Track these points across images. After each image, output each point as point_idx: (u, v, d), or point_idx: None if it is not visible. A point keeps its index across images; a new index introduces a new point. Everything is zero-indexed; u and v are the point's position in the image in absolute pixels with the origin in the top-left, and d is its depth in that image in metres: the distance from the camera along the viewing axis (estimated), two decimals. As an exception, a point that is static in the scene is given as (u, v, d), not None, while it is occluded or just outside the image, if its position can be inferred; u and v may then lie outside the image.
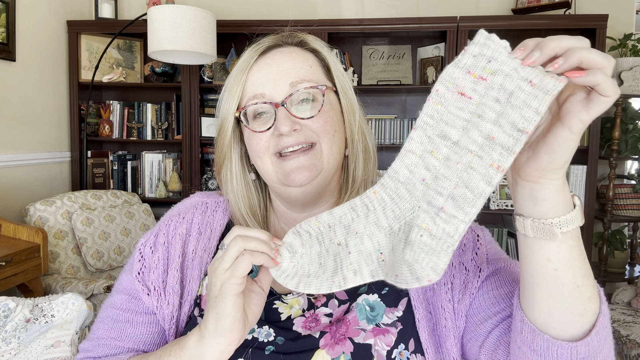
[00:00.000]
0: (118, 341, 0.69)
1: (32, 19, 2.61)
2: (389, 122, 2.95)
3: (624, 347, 1.91)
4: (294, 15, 3.04)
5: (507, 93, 0.41)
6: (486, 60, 0.41)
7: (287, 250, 0.55)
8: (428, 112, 0.45)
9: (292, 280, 0.54)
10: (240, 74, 0.68)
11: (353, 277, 0.52)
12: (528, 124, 0.40)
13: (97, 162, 3.05)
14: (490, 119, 0.42)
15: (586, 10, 2.85)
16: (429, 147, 0.46)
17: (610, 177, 2.66)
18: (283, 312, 0.67)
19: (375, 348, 0.62)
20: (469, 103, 0.43)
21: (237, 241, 0.54)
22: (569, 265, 0.47)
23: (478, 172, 0.43)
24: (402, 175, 0.48)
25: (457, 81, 0.43)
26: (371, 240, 0.52)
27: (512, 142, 0.41)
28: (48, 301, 1.42)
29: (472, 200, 0.44)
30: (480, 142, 0.43)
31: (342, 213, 0.54)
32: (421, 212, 0.47)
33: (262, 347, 0.63)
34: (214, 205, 0.77)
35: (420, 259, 0.46)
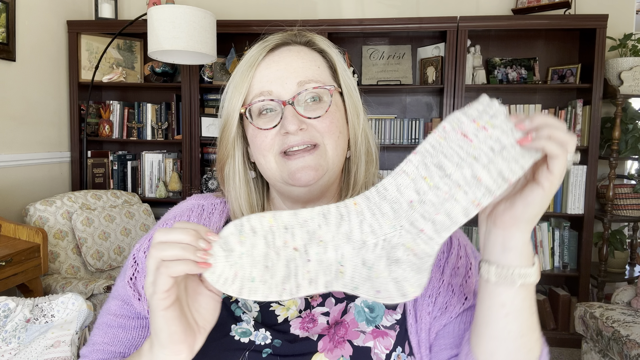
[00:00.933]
0: (111, 346, 0.69)
1: (32, 19, 2.61)
2: (389, 122, 2.95)
3: (624, 347, 1.91)
4: (294, 15, 3.04)
5: (501, 146, 0.48)
6: (489, 116, 0.49)
7: (221, 249, 0.50)
8: (431, 142, 0.50)
9: (232, 285, 0.49)
10: (248, 70, 0.67)
11: (307, 286, 0.50)
12: (512, 175, 0.48)
13: (97, 162, 3.05)
14: (482, 163, 0.48)
15: (586, 10, 2.85)
16: (423, 173, 0.50)
17: (610, 177, 2.66)
18: (280, 314, 0.67)
19: (374, 351, 0.62)
20: (469, 145, 0.49)
21: (152, 251, 0.49)
22: (519, 315, 0.53)
23: (460, 204, 0.49)
24: (391, 193, 0.51)
25: (463, 125, 0.49)
26: (335, 251, 0.51)
27: (495, 186, 0.48)
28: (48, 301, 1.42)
29: (448, 226, 0.50)
30: (469, 180, 0.49)
31: (309, 217, 0.51)
32: (404, 231, 0.51)
33: (259, 349, 0.62)
34: (211, 207, 0.76)
35: (410, 277, 0.51)
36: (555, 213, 2.80)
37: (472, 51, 2.86)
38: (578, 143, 2.76)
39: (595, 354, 2.18)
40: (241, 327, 0.65)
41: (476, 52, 2.87)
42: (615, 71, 2.65)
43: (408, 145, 2.93)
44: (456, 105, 2.76)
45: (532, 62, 2.85)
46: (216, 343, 0.63)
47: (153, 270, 0.49)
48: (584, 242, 2.74)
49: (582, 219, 2.75)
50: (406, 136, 2.95)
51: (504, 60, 2.88)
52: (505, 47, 2.97)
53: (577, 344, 2.61)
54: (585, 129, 2.73)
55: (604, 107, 2.83)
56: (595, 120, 2.67)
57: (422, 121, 2.95)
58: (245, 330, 0.64)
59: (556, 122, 0.48)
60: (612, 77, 2.67)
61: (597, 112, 2.66)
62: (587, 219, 2.73)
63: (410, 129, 2.95)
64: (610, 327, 2.03)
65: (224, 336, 0.64)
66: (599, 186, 2.81)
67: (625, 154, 2.73)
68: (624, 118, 2.70)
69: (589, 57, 2.71)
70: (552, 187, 0.49)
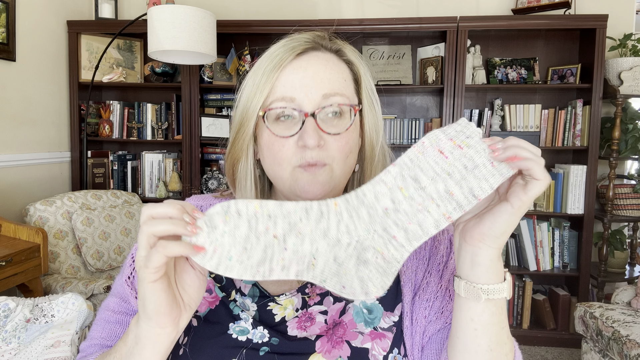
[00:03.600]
0: (107, 340, 0.70)
1: (32, 19, 2.61)
2: (389, 122, 2.95)
3: (624, 347, 1.91)
4: (294, 15, 3.04)
5: (474, 164, 0.51)
6: (465, 136, 0.52)
7: (205, 224, 0.52)
8: (410, 156, 0.53)
9: (210, 261, 0.51)
10: (273, 71, 0.64)
11: (279, 272, 0.53)
12: (482, 193, 0.51)
13: (97, 162, 3.05)
14: (455, 179, 0.51)
15: (586, 10, 2.85)
16: (400, 184, 0.53)
17: (610, 177, 2.66)
18: (277, 313, 0.67)
19: (372, 352, 0.62)
20: (444, 161, 0.52)
21: (143, 226, 0.50)
22: (487, 329, 0.55)
23: (432, 216, 0.52)
24: (369, 199, 0.54)
25: (440, 142, 0.52)
26: (311, 245, 0.54)
27: (466, 202, 0.51)
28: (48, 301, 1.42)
29: (420, 236, 0.53)
30: (441, 194, 0.52)
31: (292, 210, 0.54)
32: (376, 235, 0.54)
33: (257, 347, 0.62)
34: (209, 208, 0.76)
35: (374, 278, 0.54)
36: (555, 213, 2.80)
37: (472, 51, 2.86)
38: (578, 143, 2.77)
39: (595, 354, 2.18)
40: (239, 325, 0.65)
41: (476, 52, 2.87)
42: (615, 71, 2.65)
43: (408, 146, 2.92)
44: (456, 105, 2.76)
45: (532, 62, 2.85)
46: (214, 341, 0.63)
47: (145, 245, 0.50)
48: (584, 242, 2.74)
49: (582, 219, 2.75)
50: (406, 136, 2.95)
51: (504, 60, 2.88)
52: (505, 47, 2.97)
53: (577, 344, 2.61)
54: (585, 129, 2.73)
55: (604, 107, 2.83)
56: (595, 120, 2.67)
57: (422, 121, 2.95)
58: (243, 328, 0.64)
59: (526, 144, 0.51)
60: (612, 77, 2.67)
61: (597, 112, 2.66)
62: (587, 219, 2.73)
63: (410, 129, 2.95)
64: (610, 327, 2.03)
65: (221, 334, 0.64)
66: (599, 186, 2.81)
67: (625, 154, 2.73)
68: (624, 118, 2.70)
69: (589, 57, 2.71)
70: (522, 207, 0.50)
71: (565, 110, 2.78)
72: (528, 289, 2.85)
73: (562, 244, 2.84)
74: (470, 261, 0.54)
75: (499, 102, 2.89)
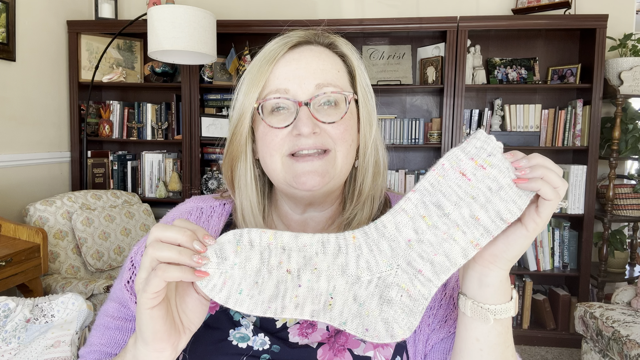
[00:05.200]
0: (107, 347, 0.69)
1: (32, 19, 2.61)
2: (389, 122, 2.95)
3: (624, 347, 1.91)
4: (294, 15, 3.04)
5: (498, 185, 0.48)
6: (487, 154, 0.48)
7: (215, 254, 0.49)
8: (430, 181, 0.49)
9: (220, 293, 0.48)
10: (266, 65, 0.64)
11: (293, 310, 0.50)
12: (511, 217, 0.47)
13: (97, 162, 3.05)
14: (480, 203, 0.48)
15: (586, 10, 2.85)
16: (422, 212, 0.49)
17: (610, 177, 2.66)
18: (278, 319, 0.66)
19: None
20: (467, 184, 0.48)
21: (149, 249, 0.48)
22: (493, 350, 0.54)
23: (459, 245, 0.49)
24: (389, 230, 0.50)
25: (461, 163, 0.48)
26: (328, 282, 0.50)
27: (494, 227, 0.48)
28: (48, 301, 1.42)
29: (447, 268, 0.49)
30: (467, 220, 0.48)
31: (308, 242, 0.50)
32: (400, 271, 0.51)
33: (258, 355, 0.62)
34: (209, 210, 0.75)
35: (400, 319, 0.51)
36: (556, 213, 2.79)
37: (472, 51, 2.86)
38: (578, 143, 2.77)
39: (595, 354, 2.18)
40: (239, 332, 0.64)
41: (476, 52, 2.87)
42: (615, 71, 2.65)
43: (408, 146, 2.93)
44: (456, 105, 2.76)
45: (532, 62, 2.85)
46: (214, 347, 0.63)
47: (147, 268, 0.49)
48: (584, 242, 2.74)
49: (582, 219, 2.75)
50: (406, 136, 2.95)
51: (504, 60, 2.88)
52: (505, 47, 2.97)
53: (577, 344, 2.61)
54: (585, 129, 2.73)
55: (604, 107, 2.83)
56: (595, 120, 2.67)
57: (422, 121, 2.95)
58: (243, 335, 0.64)
59: (552, 165, 0.48)
60: (612, 77, 2.67)
61: (597, 112, 2.66)
62: (587, 219, 2.73)
63: (410, 129, 2.95)
64: (610, 327, 2.03)
65: (221, 341, 0.63)
66: (599, 186, 2.80)
67: (625, 154, 2.73)
68: (624, 118, 2.70)
69: (589, 57, 2.71)
70: (537, 230, 0.49)
71: (565, 110, 2.78)
72: (528, 289, 2.85)
73: (562, 244, 2.84)
74: (478, 281, 0.52)
75: (499, 102, 2.89)
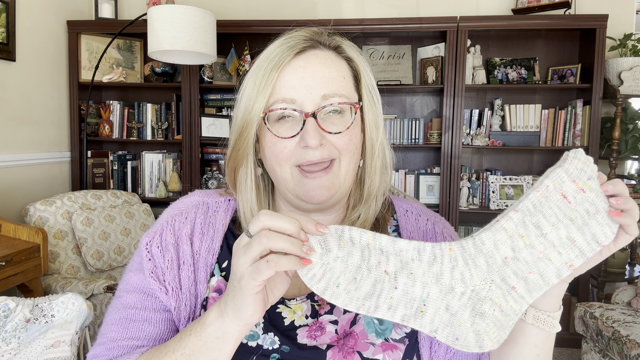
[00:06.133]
0: (135, 341, 0.65)
1: (32, 19, 2.61)
2: (389, 122, 2.95)
3: (624, 347, 1.91)
4: (294, 15, 3.04)
5: (596, 209, 0.50)
6: (587, 177, 0.50)
7: (319, 246, 0.50)
8: (533, 201, 0.51)
9: (318, 284, 0.50)
10: (273, 71, 0.63)
11: (385, 311, 0.51)
12: (606, 239, 0.50)
13: (97, 162, 3.05)
14: (577, 225, 0.50)
15: (586, 10, 2.85)
16: (521, 231, 0.51)
17: (610, 177, 2.66)
18: (286, 316, 0.66)
19: None
20: (567, 206, 0.50)
21: (262, 238, 0.49)
22: (548, 355, 0.57)
23: (554, 264, 0.51)
24: (487, 247, 0.52)
25: (564, 185, 0.50)
26: (423, 289, 0.52)
27: (589, 249, 0.50)
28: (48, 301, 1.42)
29: (540, 286, 0.51)
30: (563, 241, 0.50)
31: (404, 247, 0.52)
32: (494, 286, 0.52)
33: (267, 354, 0.62)
34: (215, 205, 0.75)
35: (492, 332, 0.52)
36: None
37: (472, 51, 2.86)
38: (578, 143, 2.76)
39: (595, 354, 2.18)
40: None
41: (476, 52, 2.87)
42: (615, 71, 2.65)
43: (408, 146, 2.93)
44: (456, 105, 2.76)
45: (532, 62, 2.85)
46: None
47: (255, 256, 0.49)
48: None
49: (582, 219, 2.75)
50: (406, 136, 2.95)
51: (504, 60, 2.88)
52: (505, 47, 2.97)
53: (577, 344, 2.61)
54: (585, 129, 2.73)
55: (604, 107, 2.83)
56: (595, 120, 2.67)
57: (422, 121, 2.95)
58: (253, 333, 0.64)
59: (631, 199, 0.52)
60: (612, 77, 2.67)
61: (597, 112, 2.66)
62: (587, 219, 2.73)
63: (410, 129, 2.95)
64: (610, 327, 2.03)
65: None
66: (599, 186, 2.80)
67: (625, 154, 2.73)
68: (624, 118, 2.70)
69: (589, 57, 2.71)
70: (607, 255, 0.53)
71: (565, 110, 2.78)
72: (528, 289, 2.85)
73: (562, 244, 2.84)
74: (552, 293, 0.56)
75: (499, 102, 2.89)
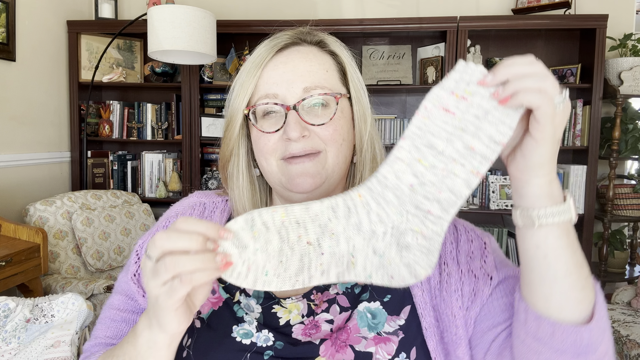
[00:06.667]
0: (114, 340, 0.69)
1: (32, 19, 2.61)
2: (389, 122, 2.95)
3: (624, 347, 1.91)
4: (294, 15, 3.04)
5: (484, 111, 0.48)
6: (465, 84, 0.49)
7: (234, 246, 0.49)
8: (417, 124, 0.50)
9: (246, 279, 0.49)
10: (255, 69, 0.66)
11: (319, 277, 0.52)
12: (503, 137, 0.48)
13: (97, 162, 3.05)
14: (471, 133, 0.49)
15: (586, 10, 2.85)
16: (416, 156, 0.51)
17: (610, 177, 2.66)
18: (282, 316, 0.66)
19: (376, 357, 0.61)
20: (453, 118, 0.49)
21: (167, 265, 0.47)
22: (559, 254, 0.51)
23: (460, 177, 0.50)
24: (391, 181, 0.52)
25: (442, 100, 0.49)
26: (347, 243, 0.52)
27: (490, 152, 0.49)
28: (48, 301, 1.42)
29: (454, 202, 0.51)
30: (462, 152, 0.49)
31: (319, 211, 0.52)
32: (410, 215, 0.52)
33: (261, 352, 0.62)
34: (212, 206, 0.76)
35: (421, 260, 0.52)
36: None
37: (472, 51, 2.86)
38: (578, 143, 2.76)
39: (595, 354, 2.18)
40: (243, 328, 0.64)
41: (476, 52, 2.87)
42: (615, 71, 2.65)
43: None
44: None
45: (532, 62, 2.85)
46: (217, 344, 0.63)
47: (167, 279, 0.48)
48: (584, 242, 2.74)
49: (582, 219, 2.75)
50: (406, 136, 2.95)
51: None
52: (505, 47, 2.97)
53: (577, 344, 2.61)
54: (585, 129, 2.73)
55: (604, 107, 2.83)
56: (595, 120, 2.67)
57: (422, 121, 2.95)
58: (247, 331, 0.64)
59: (527, 69, 0.47)
60: (612, 77, 2.67)
61: (597, 112, 2.66)
62: (587, 219, 2.73)
63: (410, 129, 2.95)
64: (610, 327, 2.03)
65: (225, 337, 0.63)
66: (599, 186, 2.80)
67: (625, 154, 2.73)
68: (624, 118, 2.70)
69: (589, 57, 2.71)
70: (544, 136, 0.47)
71: (565, 110, 2.78)
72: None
73: (562, 244, 2.84)
74: (518, 193, 0.52)
75: (499, 102, 2.89)
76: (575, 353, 0.52)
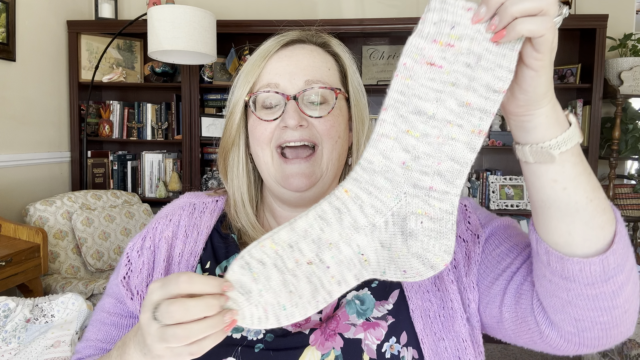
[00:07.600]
0: (103, 343, 0.70)
1: (32, 19, 2.61)
2: (389, 122, 2.94)
3: (624, 347, 1.91)
4: (294, 15, 3.04)
5: (476, 56, 0.40)
6: (449, 27, 0.40)
7: (239, 294, 0.46)
8: (398, 89, 0.43)
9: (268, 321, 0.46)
10: (260, 61, 0.68)
11: (338, 288, 0.47)
12: (503, 84, 0.40)
13: (97, 162, 3.05)
14: (464, 86, 0.41)
15: (586, 10, 2.85)
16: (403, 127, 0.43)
17: (610, 177, 2.66)
18: None
19: (365, 342, 0.61)
20: (440, 72, 0.41)
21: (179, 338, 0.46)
22: (577, 182, 0.48)
23: (460, 141, 0.42)
24: (378, 163, 0.45)
25: (424, 51, 0.41)
26: (350, 246, 0.47)
27: (490, 104, 0.41)
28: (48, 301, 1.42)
29: (459, 171, 0.43)
30: (457, 111, 0.41)
31: (307, 226, 0.46)
32: (409, 197, 0.45)
33: (252, 345, 0.63)
34: (202, 206, 0.76)
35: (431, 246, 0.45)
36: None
37: (472, 51, 2.86)
38: (578, 143, 2.76)
39: (595, 354, 2.18)
40: None
41: (476, 52, 2.87)
42: (615, 71, 2.65)
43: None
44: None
45: (532, 62, 2.85)
46: None
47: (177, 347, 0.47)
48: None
49: (582, 219, 2.75)
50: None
51: (504, 60, 2.88)
52: (505, 47, 2.96)
53: (577, 344, 2.61)
54: (585, 129, 2.73)
55: (604, 107, 2.83)
56: (595, 120, 2.67)
57: (422, 121, 2.95)
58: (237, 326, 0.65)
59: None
60: (612, 77, 2.67)
61: (597, 112, 2.66)
62: (587, 219, 2.73)
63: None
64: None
65: None
66: (599, 186, 2.80)
67: (625, 154, 2.73)
68: (624, 118, 2.70)
69: (589, 57, 2.71)
70: (544, 64, 0.43)
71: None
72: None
73: (562, 244, 2.84)
74: (522, 128, 0.47)
75: (499, 102, 2.89)
76: (604, 279, 0.49)
